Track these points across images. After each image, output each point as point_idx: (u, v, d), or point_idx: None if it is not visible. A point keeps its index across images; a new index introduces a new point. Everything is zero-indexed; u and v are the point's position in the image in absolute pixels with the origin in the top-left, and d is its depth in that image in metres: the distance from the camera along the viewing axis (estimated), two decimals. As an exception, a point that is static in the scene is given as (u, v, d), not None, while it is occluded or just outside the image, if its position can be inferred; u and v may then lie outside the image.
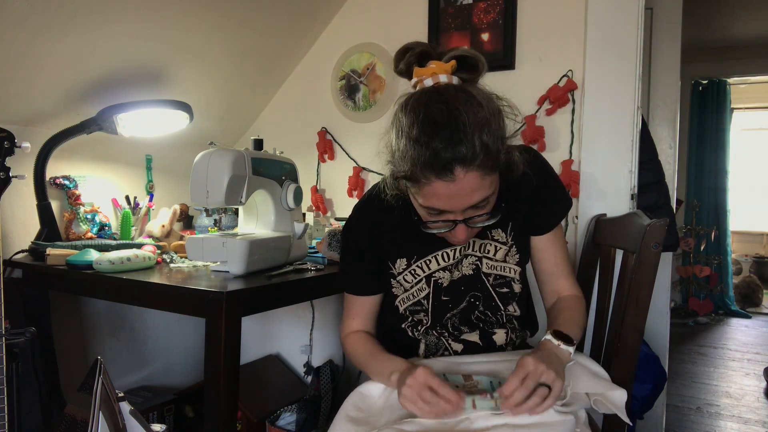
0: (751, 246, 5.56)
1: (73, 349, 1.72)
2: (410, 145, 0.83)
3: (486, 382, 0.93)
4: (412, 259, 1.06)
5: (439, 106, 0.82)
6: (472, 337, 1.07)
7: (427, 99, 0.85)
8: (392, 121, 0.91)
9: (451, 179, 0.82)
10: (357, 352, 1.09)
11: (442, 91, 0.85)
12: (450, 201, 0.86)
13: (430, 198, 0.86)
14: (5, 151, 1.06)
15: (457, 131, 0.80)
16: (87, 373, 0.93)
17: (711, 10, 3.83)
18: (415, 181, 0.85)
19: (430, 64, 0.89)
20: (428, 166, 0.81)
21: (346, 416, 0.91)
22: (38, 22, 1.32)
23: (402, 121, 0.86)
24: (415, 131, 0.82)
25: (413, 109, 0.84)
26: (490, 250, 1.06)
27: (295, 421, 1.82)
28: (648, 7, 2.12)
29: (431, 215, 0.90)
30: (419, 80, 0.89)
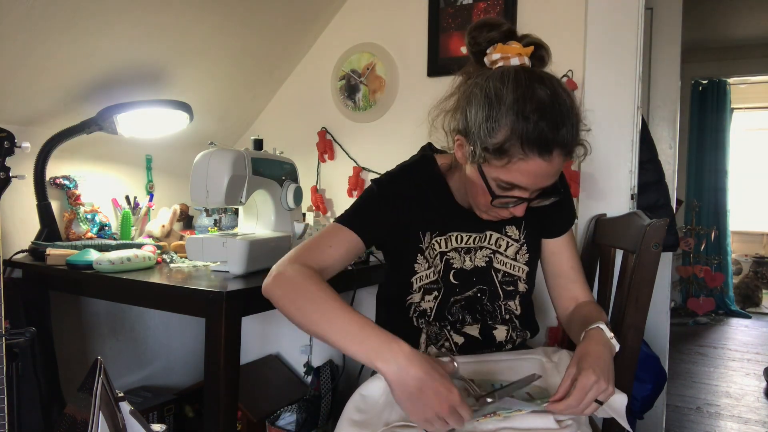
0: (751, 246, 5.56)
1: (73, 349, 1.72)
2: (513, 119, 0.84)
3: (488, 385, 0.92)
4: (435, 233, 1.06)
5: (544, 88, 0.85)
6: (473, 331, 1.07)
7: (528, 77, 0.86)
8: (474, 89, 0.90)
9: (548, 159, 0.85)
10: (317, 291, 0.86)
11: (540, 73, 0.88)
12: (535, 179, 0.88)
13: (516, 173, 0.88)
14: (5, 151, 1.06)
15: (561, 116, 0.84)
16: (87, 373, 0.93)
17: (711, 10, 3.83)
18: (506, 155, 0.86)
19: (512, 44, 0.91)
20: (533, 143, 0.84)
21: (349, 420, 0.91)
22: (38, 23, 1.32)
23: (500, 94, 0.85)
24: (524, 107, 0.83)
25: (517, 85, 0.85)
26: (502, 245, 1.08)
27: (295, 421, 1.82)
28: (648, 7, 2.12)
29: (502, 189, 0.91)
30: (505, 56, 0.90)
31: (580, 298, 1.10)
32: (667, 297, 2.15)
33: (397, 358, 0.77)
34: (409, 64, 1.93)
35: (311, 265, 0.92)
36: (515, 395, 0.89)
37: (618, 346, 0.91)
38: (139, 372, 1.94)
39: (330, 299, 0.84)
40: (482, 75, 0.90)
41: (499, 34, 0.92)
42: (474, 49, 0.95)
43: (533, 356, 1.04)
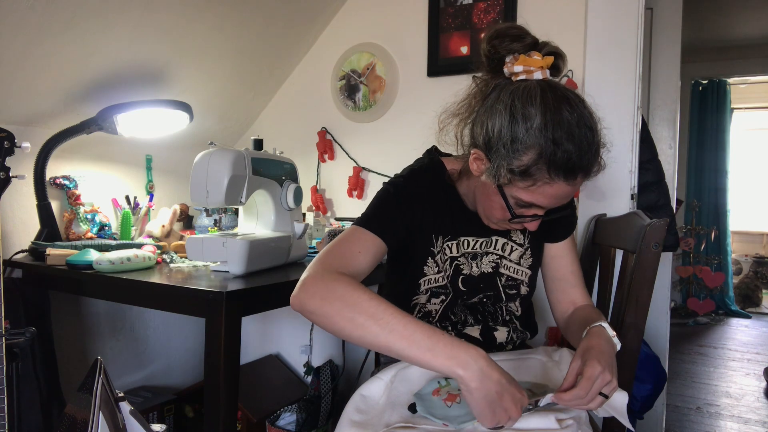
0: (751, 246, 5.56)
1: (73, 349, 1.72)
2: (540, 142, 0.83)
3: None
4: (447, 238, 1.06)
5: (572, 111, 0.84)
6: (474, 332, 1.07)
7: (555, 97, 0.85)
8: (498, 105, 0.88)
9: (572, 183, 0.86)
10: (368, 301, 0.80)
11: (565, 93, 0.87)
12: (556, 200, 0.89)
13: (539, 195, 0.87)
14: (5, 151, 1.06)
15: (588, 142, 0.85)
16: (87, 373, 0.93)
17: (711, 10, 3.83)
18: (530, 177, 0.85)
19: (533, 55, 0.89)
20: (559, 168, 0.83)
21: (349, 421, 0.91)
22: (38, 23, 1.32)
23: (527, 113, 0.84)
24: (554, 133, 0.83)
25: (546, 107, 0.84)
26: (507, 249, 1.08)
27: (295, 421, 1.82)
28: (648, 7, 2.12)
29: (520, 208, 0.91)
30: (527, 70, 0.88)
31: (578, 302, 1.10)
32: (667, 297, 2.15)
33: (478, 363, 0.75)
34: (409, 64, 1.93)
35: (345, 272, 0.87)
36: None
37: (619, 345, 0.91)
38: (139, 372, 1.94)
39: (386, 308, 0.79)
40: (505, 89, 0.88)
41: (523, 47, 0.90)
42: (492, 57, 0.93)
43: (534, 356, 1.04)
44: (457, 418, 0.84)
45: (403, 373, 0.97)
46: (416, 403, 0.89)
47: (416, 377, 0.96)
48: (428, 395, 0.91)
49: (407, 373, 0.97)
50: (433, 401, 0.90)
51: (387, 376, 0.97)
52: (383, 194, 1.03)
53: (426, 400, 0.90)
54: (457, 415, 0.85)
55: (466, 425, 0.82)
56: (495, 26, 0.93)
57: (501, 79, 0.92)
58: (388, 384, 0.96)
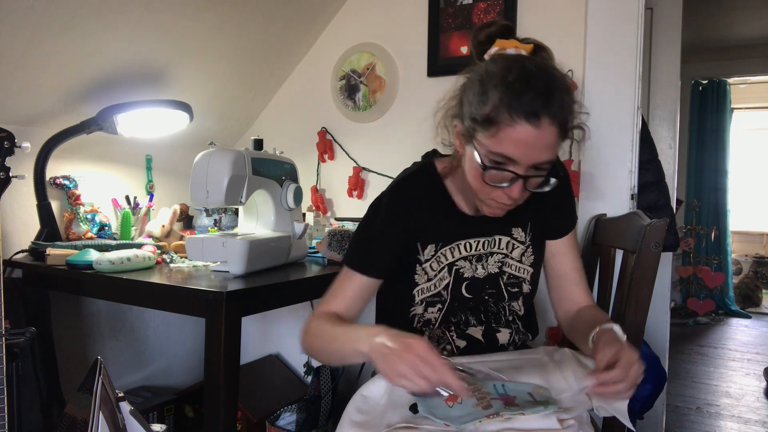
0: (751, 246, 5.56)
1: (73, 349, 1.72)
2: (501, 88, 0.85)
3: (490, 385, 0.92)
4: (439, 245, 1.05)
5: (534, 63, 0.87)
6: (476, 334, 1.07)
7: (518, 57, 0.89)
8: (468, 78, 0.92)
9: (536, 124, 0.84)
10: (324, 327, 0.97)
11: (531, 56, 0.91)
12: (525, 149, 0.86)
13: (505, 142, 0.86)
14: (5, 151, 1.06)
15: (550, 86, 0.85)
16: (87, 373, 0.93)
17: (711, 10, 3.83)
18: (494, 123, 0.85)
19: (511, 40, 0.93)
20: (519, 108, 0.83)
21: (350, 422, 0.91)
22: (38, 23, 1.32)
23: (490, 69, 0.88)
24: (511, 77, 0.85)
25: (506, 64, 0.87)
26: (509, 248, 1.07)
27: (295, 421, 1.82)
28: (648, 7, 2.12)
29: (495, 164, 0.89)
30: (502, 48, 0.92)
31: (581, 302, 1.09)
32: (667, 297, 2.15)
33: (369, 334, 0.85)
34: (409, 64, 1.93)
35: (330, 312, 1.02)
36: (518, 397, 0.89)
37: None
38: (139, 372, 1.94)
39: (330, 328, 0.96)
40: (475, 69, 0.92)
41: (498, 28, 0.95)
42: (477, 48, 0.97)
43: (535, 356, 1.04)
44: (458, 418, 0.84)
45: None
46: (417, 403, 0.89)
47: None
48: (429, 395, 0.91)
49: None
50: (434, 401, 0.89)
51: None
52: (365, 223, 1.08)
53: (427, 400, 0.90)
54: (458, 415, 0.85)
55: (467, 425, 0.82)
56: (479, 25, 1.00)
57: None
58: (388, 384, 0.96)
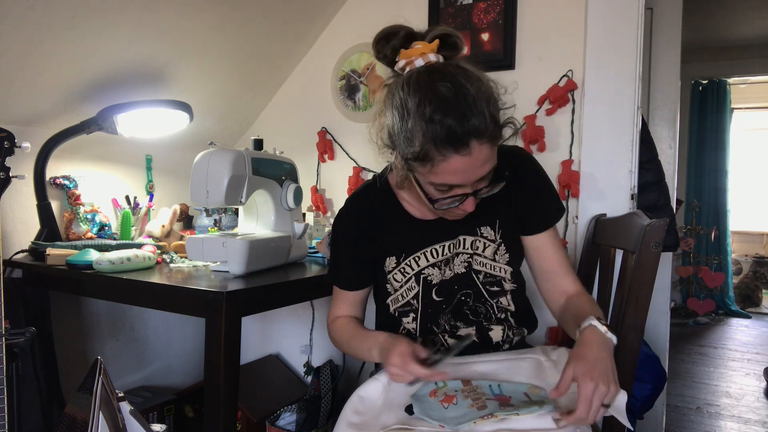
0: (751, 246, 5.56)
1: (73, 349, 1.72)
2: (421, 124, 0.84)
3: (485, 386, 0.92)
4: (401, 257, 1.06)
5: (445, 83, 0.84)
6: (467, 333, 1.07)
7: (428, 78, 0.86)
8: (386, 104, 0.91)
9: (468, 153, 0.84)
10: (342, 335, 1.12)
11: (440, 68, 0.87)
12: (465, 175, 0.87)
13: (444, 174, 0.87)
14: (5, 151, 1.06)
15: (467, 106, 0.83)
16: (87, 373, 0.93)
17: (711, 10, 3.83)
18: (428, 160, 0.86)
19: (415, 45, 0.91)
20: (445, 142, 0.83)
21: (347, 422, 0.91)
22: (38, 23, 1.32)
23: (406, 102, 0.86)
24: (427, 110, 0.83)
25: (417, 89, 0.85)
26: (479, 246, 1.06)
27: (295, 421, 1.82)
28: (648, 7, 2.12)
29: (441, 192, 0.91)
30: (409, 61, 0.90)
31: (570, 291, 1.07)
32: (667, 297, 2.15)
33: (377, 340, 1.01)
34: (409, 64, 1.93)
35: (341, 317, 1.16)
36: (513, 397, 0.89)
37: (615, 338, 0.89)
38: (139, 372, 1.94)
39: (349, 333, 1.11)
40: (390, 85, 0.91)
41: (399, 40, 0.92)
42: (384, 62, 0.96)
43: (531, 355, 1.04)
44: (453, 419, 0.84)
45: None
46: (413, 404, 0.89)
47: None
48: (425, 396, 0.91)
49: None
50: (430, 402, 0.90)
51: (385, 378, 0.97)
52: (331, 241, 1.15)
53: (423, 401, 0.90)
54: (453, 416, 0.85)
55: (462, 426, 0.82)
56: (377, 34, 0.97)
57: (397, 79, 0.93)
58: (385, 385, 0.96)
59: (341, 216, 1.12)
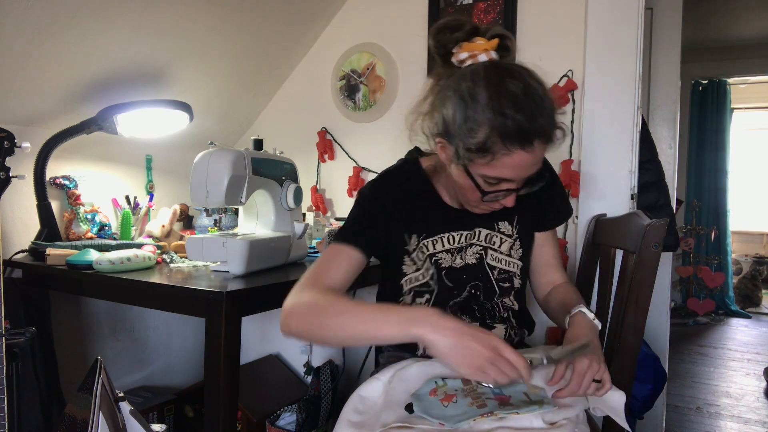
0: (751, 246, 5.56)
1: (73, 349, 1.72)
2: (489, 116, 0.85)
3: (485, 386, 0.92)
4: (421, 237, 1.07)
5: (515, 81, 0.86)
6: None
7: (498, 73, 0.88)
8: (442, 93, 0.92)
9: (531, 150, 0.87)
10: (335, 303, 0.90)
11: (509, 66, 0.89)
12: (520, 171, 0.90)
13: (501, 168, 0.89)
14: (5, 151, 1.06)
15: (536, 106, 0.85)
16: (87, 373, 0.93)
17: (711, 10, 3.83)
18: (489, 152, 0.87)
19: (477, 40, 0.92)
20: (512, 137, 0.85)
21: (347, 422, 0.91)
22: (38, 23, 1.32)
23: (473, 93, 0.87)
24: (498, 104, 0.85)
25: (489, 83, 0.86)
26: (496, 241, 1.09)
27: (295, 421, 1.82)
28: (648, 7, 2.12)
29: (489, 185, 0.93)
30: (472, 55, 0.91)
31: (557, 281, 1.16)
32: (667, 297, 2.15)
33: (428, 318, 0.81)
34: (409, 64, 1.93)
35: (318, 287, 0.95)
36: (513, 397, 0.89)
37: (600, 325, 0.97)
38: (139, 372, 1.94)
39: (345, 302, 0.89)
40: (453, 76, 0.92)
41: (464, 33, 0.93)
42: (440, 51, 0.97)
43: (533, 354, 1.04)
44: (453, 417, 0.84)
45: (401, 373, 0.97)
46: (413, 403, 0.89)
47: (414, 377, 0.96)
48: (425, 395, 0.91)
49: (405, 373, 0.97)
50: (430, 401, 0.90)
51: (385, 377, 0.97)
52: (355, 205, 1.09)
53: (423, 400, 0.90)
54: (453, 414, 0.85)
55: (462, 425, 0.82)
56: (436, 23, 0.96)
57: (453, 70, 0.95)
58: (385, 384, 0.96)
59: (372, 186, 1.10)
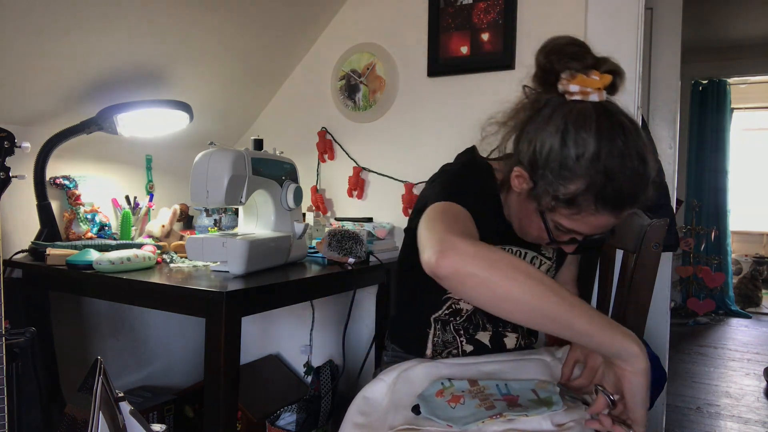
0: (751, 246, 5.56)
1: (73, 349, 1.72)
2: (591, 173, 0.79)
3: (492, 386, 0.92)
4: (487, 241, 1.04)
5: (628, 142, 0.79)
6: (484, 339, 1.07)
7: (610, 124, 0.80)
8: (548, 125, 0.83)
9: (618, 216, 0.83)
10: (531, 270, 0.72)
11: (621, 120, 0.82)
12: (597, 229, 0.86)
13: (582, 224, 0.85)
14: (5, 151, 1.06)
15: (643, 181, 0.81)
16: (87, 373, 0.93)
17: (711, 10, 3.83)
18: (575, 206, 0.83)
19: (592, 75, 0.84)
20: (606, 202, 0.81)
21: (353, 424, 0.91)
22: (38, 22, 1.32)
23: (579, 139, 0.80)
24: (604, 162, 0.79)
25: (600, 135, 0.79)
26: (536, 263, 1.08)
27: (295, 421, 1.82)
28: (648, 7, 2.12)
29: (561, 232, 0.89)
30: (583, 92, 0.83)
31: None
32: (667, 297, 2.15)
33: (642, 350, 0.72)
34: (409, 64, 1.93)
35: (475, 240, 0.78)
36: (521, 396, 0.89)
37: None
38: (139, 372, 1.94)
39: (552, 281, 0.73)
40: (558, 109, 0.83)
41: (582, 66, 0.84)
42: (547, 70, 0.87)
43: (537, 356, 1.04)
44: (461, 419, 0.84)
45: (405, 374, 0.97)
46: (420, 404, 0.89)
47: (419, 378, 0.96)
48: (432, 396, 0.91)
49: (410, 374, 0.97)
50: (437, 402, 0.89)
51: (389, 378, 0.97)
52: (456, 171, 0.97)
53: (430, 401, 0.90)
54: (461, 416, 0.85)
55: (470, 426, 0.82)
56: (554, 40, 0.88)
57: (554, 94, 0.86)
58: (390, 385, 0.96)
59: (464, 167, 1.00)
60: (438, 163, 1.09)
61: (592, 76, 0.83)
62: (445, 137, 1.87)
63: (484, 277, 0.70)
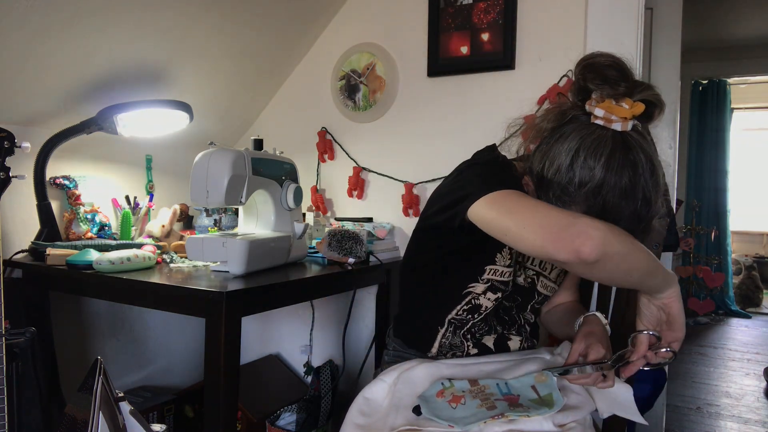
0: (751, 246, 5.57)
1: (73, 349, 1.72)
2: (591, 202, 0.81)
3: (493, 385, 0.92)
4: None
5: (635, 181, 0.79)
6: (489, 342, 1.07)
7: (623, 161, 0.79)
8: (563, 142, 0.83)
9: None
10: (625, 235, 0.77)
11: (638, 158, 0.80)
12: None
13: None
14: (5, 151, 1.06)
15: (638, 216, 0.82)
16: (87, 373, 0.93)
17: (711, 10, 3.83)
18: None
19: (623, 103, 0.81)
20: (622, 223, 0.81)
21: (353, 424, 0.91)
22: (38, 22, 1.32)
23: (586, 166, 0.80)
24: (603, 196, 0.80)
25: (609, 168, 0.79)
26: (547, 268, 1.09)
27: (295, 421, 1.82)
28: (648, 7, 2.11)
29: None
30: (607, 118, 0.81)
31: (568, 299, 1.19)
32: (667, 297, 2.14)
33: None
34: (409, 64, 1.93)
35: None
36: (522, 395, 0.89)
37: (610, 332, 0.98)
38: (139, 372, 1.94)
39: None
40: (577, 130, 0.83)
41: (614, 92, 0.82)
42: (581, 85, 0.86)
43: (538, 355, 1.04)
44: (462, 419, 0.84)
45: (406, 375, 0.97)
46: (421, 405, 0.89)
47: (419, 379, 0.96)
48: (432, 397, 0.91)
49: (410, 374, 0.97)
50: (438, 403, 0.89)
51: (390, 378, 0.97)
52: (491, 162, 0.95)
53: (431, 401, 0.90)
54: (462, 416, 0.85)
55: (472, 427, 0.82)
56: (595, 56, 0.86)
57: (581, 111, 0.86)
58: (391, 386, 0.96)
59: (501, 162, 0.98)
60: (438, 163, 1.09)
61: (622, 103, 0.81)
62: (445, 137, 1.87)
63: (625, 252, 0.74)
